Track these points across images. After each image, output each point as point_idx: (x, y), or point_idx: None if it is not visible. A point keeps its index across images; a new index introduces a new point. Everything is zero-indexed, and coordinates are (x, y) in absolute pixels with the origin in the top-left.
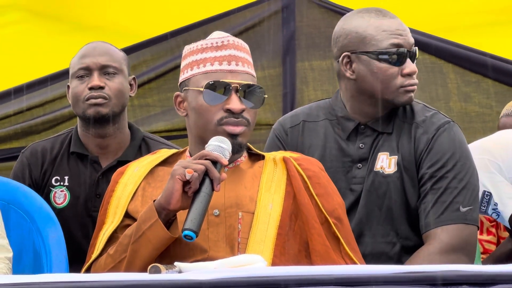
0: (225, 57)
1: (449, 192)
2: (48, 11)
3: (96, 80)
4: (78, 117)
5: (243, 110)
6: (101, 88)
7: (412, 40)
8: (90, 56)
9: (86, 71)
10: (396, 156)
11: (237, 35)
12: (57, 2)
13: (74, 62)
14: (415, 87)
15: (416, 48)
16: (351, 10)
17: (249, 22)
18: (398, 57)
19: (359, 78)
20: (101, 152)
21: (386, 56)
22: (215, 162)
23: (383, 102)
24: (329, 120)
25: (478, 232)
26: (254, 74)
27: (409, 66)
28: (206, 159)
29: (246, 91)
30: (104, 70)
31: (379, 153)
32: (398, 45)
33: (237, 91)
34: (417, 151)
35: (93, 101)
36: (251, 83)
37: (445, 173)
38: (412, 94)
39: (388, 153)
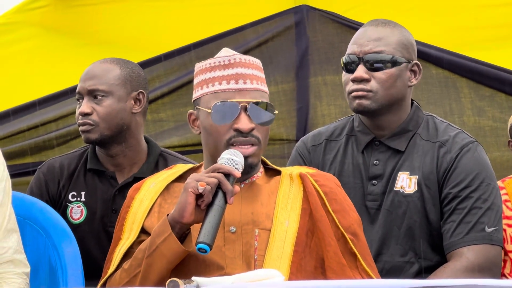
0: (232, 75)
1: (474, 212)
2: (61, 26)
3: (83, 106)
4: None
5: (252, 129)
6: (88, 114)
7: (367, 48)
8: (82, 80)
9: (80, 95)
10: (417, 176)
11: (250, 50)
12: (70, 18)
13: None
14: (362, 93)
15: (379, 54)
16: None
17: (262, 37)
18: (348, 64)
19: None
20: (116, 169)
21: (344, 65)
22: (227, 175)
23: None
24: (349, 136)
25: None
26: (266, 89)
27: (356, 72)
28: (218, 172)
29: (255, 109)
30: (92, 94)
31: (400, 172)
32: (350, 53)
33: (246, 110)
34: (440, 171)
35: (81, 127)
36: (260, 100)
37: (470, 193)
38: (361, 101)
39: (409, 172)
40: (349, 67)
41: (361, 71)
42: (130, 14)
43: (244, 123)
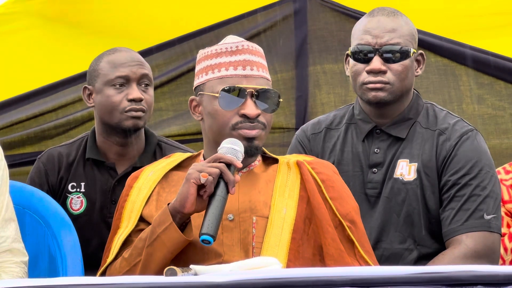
0: (240, 62)
1: (473, 199)
2: (60, 17)
3: (137, 92)
4: (102, 124)
5: (258, 115)
6: (141, 100)
7: (383, 40)
8: (128, 65)
9: (124, 80)
10: (416, 163)
11: (249, 39)
12: (69, 8)
13: (106, 68)
14: (380, 85)
15: (400, 47)
16: (364, 13)
17: (261, 26)
18: (362, 54)
19: (350, 77)
20: (119, 159)
21: (354, 54)
22: (229, 165)
23: (361, 100)
24: (349, 124)
25: None
26: (269, 77)
27: (372, 63)
28: (220, 162)
29: (261, 95)
30: (141, 81)
31: (399, 160)
32: (364, 43)
33: (252, 96)
34: (439, 158)
35: (133, 113)
36: (266, 87)
37: (469, 180)
38: (377, 93)
39: (408, 160)
40: (361, 57)
41: (378, 62)
42: (130, 3)
43: (251, 109)
